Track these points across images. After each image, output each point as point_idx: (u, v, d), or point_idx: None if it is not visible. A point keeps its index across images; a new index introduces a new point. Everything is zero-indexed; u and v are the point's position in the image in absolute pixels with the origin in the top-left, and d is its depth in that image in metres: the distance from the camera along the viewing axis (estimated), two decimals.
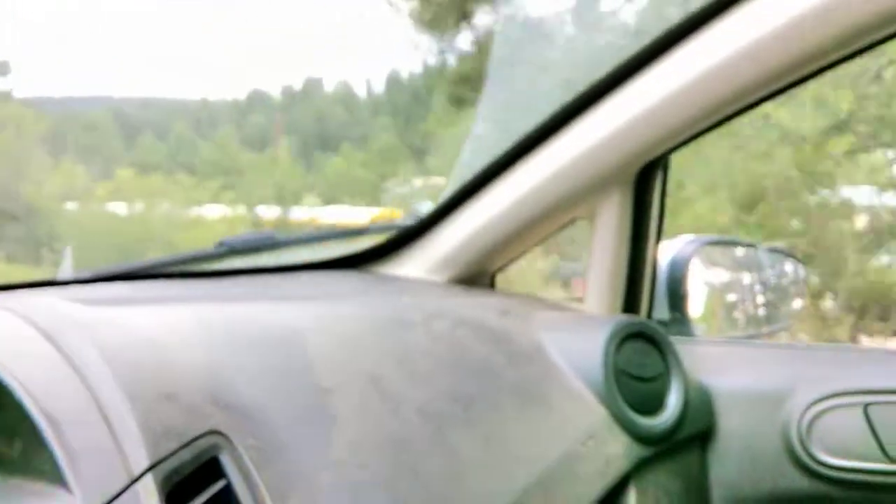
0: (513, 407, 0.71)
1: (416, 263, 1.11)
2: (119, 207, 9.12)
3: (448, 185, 1.11)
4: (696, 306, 1.27)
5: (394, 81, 13.77)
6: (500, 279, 1.16)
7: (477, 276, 1.12)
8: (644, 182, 1.02)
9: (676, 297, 1.23)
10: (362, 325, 0.73)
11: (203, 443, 0.51)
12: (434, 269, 1.10)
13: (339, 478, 0.55)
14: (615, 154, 0.92)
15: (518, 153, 0.98)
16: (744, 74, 0.81)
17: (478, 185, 1.02)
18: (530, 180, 0.98)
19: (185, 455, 0.50)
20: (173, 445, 0.49)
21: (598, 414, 0.81)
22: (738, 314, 1.40)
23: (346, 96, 15.25)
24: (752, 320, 1.44)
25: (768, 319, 1.50)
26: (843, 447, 0.97)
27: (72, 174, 9.69)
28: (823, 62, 0.81)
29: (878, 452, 0.95)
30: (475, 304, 0.94)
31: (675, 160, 1.04)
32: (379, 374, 0.65)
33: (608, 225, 1.01)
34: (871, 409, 0.96)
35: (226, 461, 0.52)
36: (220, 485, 0.51)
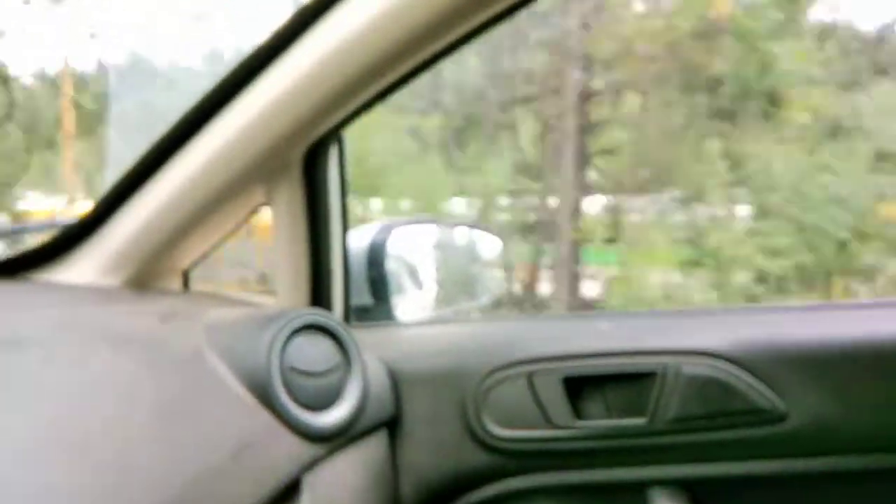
0: (146, 428, 0.64)
1: (87, 265, 0.99)
2: None
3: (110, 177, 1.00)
4: (396, 289, 1.30)
5: None
6: None
7: (160, 274, 1.03)
8: (314, 163, 0.99)
9: (376, 282, 1.24)
10: None
11: None
12: (106, 271, 0.98)
13: None
14: (271, 135, 0.88)
15: (175, 140, 0.90)
16: (382, 42, 0.80)
17: (141, 176, 0.92)
18: (189, 168, 0.90)
19: None
20: None
21: (259, 418, 0.76)
22: (438, 292, 1.45)
23: None
24: (454, 297, 1.51)
25: (470, 295, 1.58)
26: (513, 418, 1.03)
27: None
28: (467, 25, 0.82)
29: (542, 419, 1.03)
30: (135, 310, 0.86)
31: None
32: None
33: (284, 211, 0.97)
34: (534, 378, 1.03)
35: None
36: None
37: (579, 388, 1.04)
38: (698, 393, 1.00)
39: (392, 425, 1.02)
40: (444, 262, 1.50)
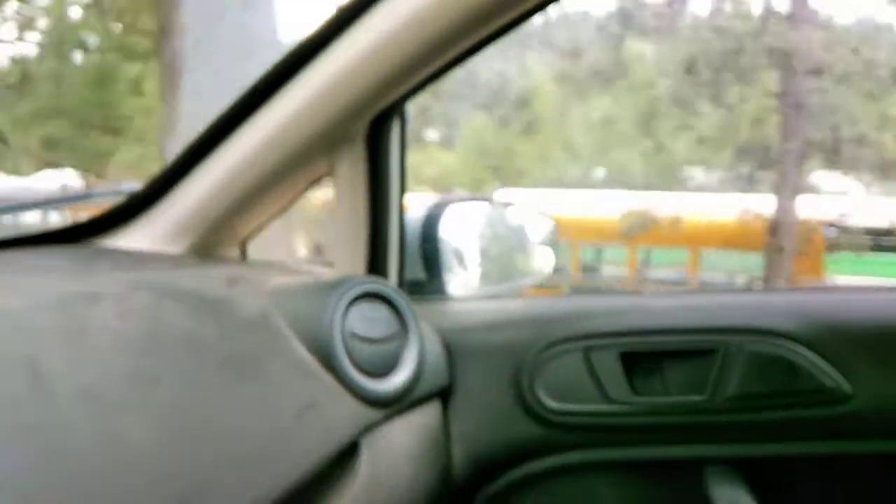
0: (216, 383, 0.66)
1: (149, 233, 1.01)
2: None
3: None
4: (449, 265, 1.30)
5: None
6: None
7: (220, 244, 1.04)
8: (378, 135, 0.99)
9: (429, 257, 1.24)
10: (29, 303, 0.63)
11: None
12: (169, 239, 1.00)
13: None
14: (336, 107, 0.89)
15: (241, 112, 0.91)
16: (447, 17, 0.80)
17: (205, 147, 0.94)
18: (255, 139, 0.91)
19: None
20: None
21: (322, 381, 0.78)
22: (491, 270, 1.45)
23: None
24: (505, 275, 1.50)
25: (521, 274, 1.57)
26: (568, 392, 1.03)
27: None
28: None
29: (598, 394, 1.03)
30: (202, 274, 0.87)
31: None
32: (37, 355, 0.56)
33: (346, 182, 0.98)
34: (591, 353, 1.03)
35: None
36: None
37: (637, 364, 1.03)
38: (760, 371, 0.98)
39: (446, 395, 1.02)
40: (496, 241, 1.49)
